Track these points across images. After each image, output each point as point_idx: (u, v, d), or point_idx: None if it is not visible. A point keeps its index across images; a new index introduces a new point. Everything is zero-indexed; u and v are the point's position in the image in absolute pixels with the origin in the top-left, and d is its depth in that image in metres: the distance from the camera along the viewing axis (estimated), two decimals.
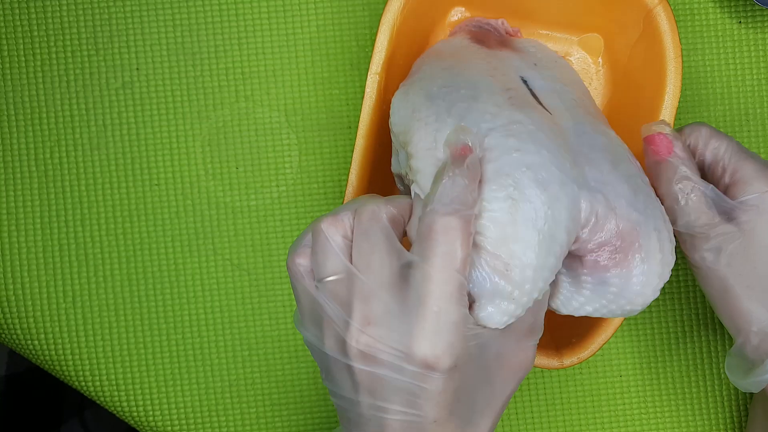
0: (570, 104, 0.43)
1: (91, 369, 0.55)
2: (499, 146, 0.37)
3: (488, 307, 0.36)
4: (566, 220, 0.37)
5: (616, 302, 0.40)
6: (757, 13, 0.55)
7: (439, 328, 0.33)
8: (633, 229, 0.38)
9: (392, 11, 0.47)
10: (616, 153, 0.41)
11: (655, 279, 0.39)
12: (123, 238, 0.55)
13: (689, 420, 0.56)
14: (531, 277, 0.36)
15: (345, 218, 0.36)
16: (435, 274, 0.33)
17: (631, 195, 0.39)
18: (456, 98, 0.41)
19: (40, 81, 0.55)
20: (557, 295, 0.40)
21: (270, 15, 0.55)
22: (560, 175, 0.37)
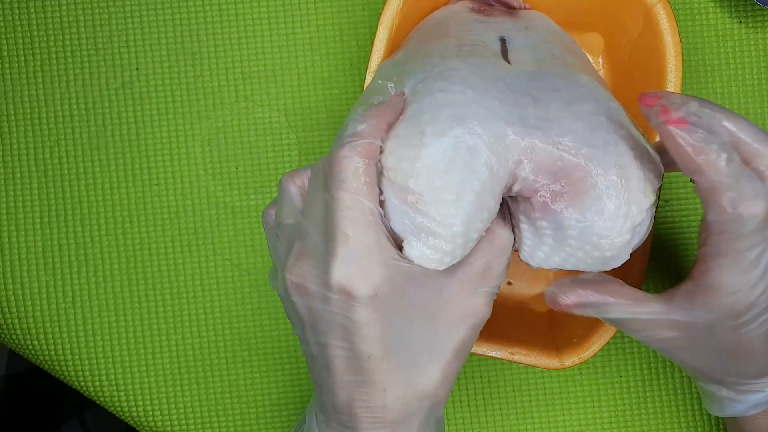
0: (543, 56, 0.42)
1: (91, 369, 0.55)
2: (425, 89, 0.38)
3: (416, 245, 0.36)
4: (485, 153, 0.36)
5: (581, 248, 0.38)
6: (757, 12, 0.55)
7: (350, 254, 0.34)
8: (581, 164, 0.37)
9: (391, 10, 0.47)
10: (576, 93, 0.39)
11: (620, 219, 0.37)
12: (123, 238, 0.55)
13: (689, 420, 0.56)
14: (448, 211, 0.36)
15: (303, 172, 0.38)
16: (337, 202, 0.34)
17: (585, 131, 0.37)
18: (413, 58, 0.41)
19: (39, 81, 0.55)
20: (522, 246, 0.39)
21: (270, 15, 0.55)
22: (484, 112, 0.37)
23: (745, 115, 0.55)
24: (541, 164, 0.37)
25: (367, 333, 0.35)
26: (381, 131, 0.36)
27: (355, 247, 0.34)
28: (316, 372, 0.38)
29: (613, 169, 0.37)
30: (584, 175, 0.37)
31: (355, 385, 0.36)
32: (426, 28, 0.47)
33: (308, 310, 0.36)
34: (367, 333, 0.35)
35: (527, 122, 0.37)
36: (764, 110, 0.56)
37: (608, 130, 0.38)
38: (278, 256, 0.38)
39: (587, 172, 0.37)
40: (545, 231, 0.38)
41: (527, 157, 0.37)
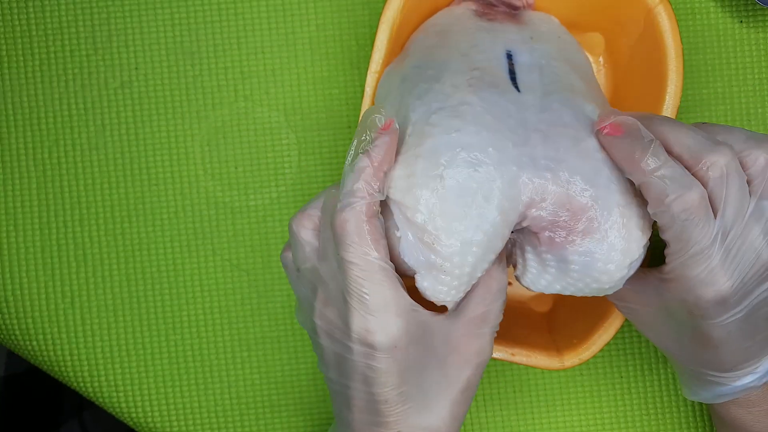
0: (550, 79, 0.43)
1: (90, 370, 0.55)
2: (441, 124, 0.39)
3: (425, 281, 0.39)
4: (498, 198, 0.38)
5: (582, 280, 0.40)
6: (758, 12, 0.55)
7: (368, 310, 0.37)
8: (587, 205, 0.39)
9: (392, 9, 0.47)
10: (581, 129, 0.40)
11: (618, 255, 0.39)
12: (122, 238, 0.55)
13: (690, 421, 0.56)
14: (459, 250, 0.38)
15: (312, 212, 0.40)
16: (348, 264, 0.37)
17: (591, 172, 0.39)
18: (421, 79, 0.42)
19: (38, 81, 0.55)
20: (526, 273, 0.42)
21: (269, 14, 0.55)
22: (497, 155, 0.38)
23: (746, 115, 0.55)
24: (550, 205, 0.39)
25: (386, 381, 0.38)
26: (378, 182, 0.38)
27: (372, 303, 0.37)
28: (337, 406, 0.41)
29: (616, 210, 0.39)
30: (591, 216, 0.39)
31: (371, 424, 0.39)
32: (431, 35, 0.47)
33: (334, 354, 0.39)
34: (386, 381, 0.38)
35: (538, 163, 0.39)
36: (765, 110, 0.56)
37: (611, 169, 0.40)
38: (303, 298, 0.41)
39: (594, 213, 0.39)
40: (549, 263, 0.40)
41: (537, 198, 0.39)
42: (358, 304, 0.37)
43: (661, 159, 0.38)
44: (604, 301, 0.49)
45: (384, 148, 0.38)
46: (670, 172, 0.38)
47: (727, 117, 0.55)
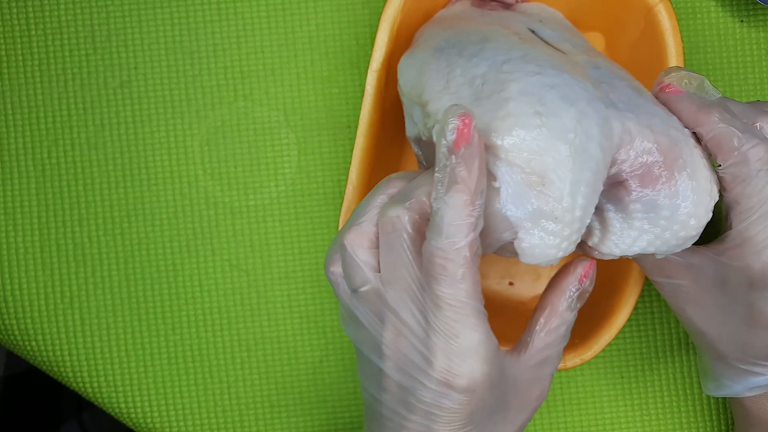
0: (582, 48, 0.42)
1: (89, 370, 0.55)
2: (518, 70, 0.37)
3: (534, 232, 0.36)
4: (597, 135, 0.36)
5: (670, 228, 0.38)
6: (759, 12, 0.55)
7: (454, 351, 0.35)
8: (674, 144, 0.38)
9: (393, 7, 0.47)
10: (637, 85, 0.40)
11: (706, 197, 0.38)
12: (121, 238, 0.55)
13: (691, 421, 0.56)
14: (569, 190, 0.35)
15: (367, 227, 0.36)
16: (442, 301, 0.34)
17: (666, 115, 0.38)
18: (466, 43, 0.40)
19: (37, 80, 0.55)
20: (607, 235, 0.39)
21: (269, 13, 0.55)
22: (586, 94, 0.37)
23: None
24: (638, 147, 0.37)
25: (453, 420, 0.36)
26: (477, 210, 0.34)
27: (460, 346, 0.35)
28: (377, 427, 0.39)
29: (696, 150, 0.38)
30: (677, 156, 0.37)
31: None
32: (444, 21, 0.46)
33: (398, 385, 0.36)
34: (453, 420, 0.36)
35: (618, 106, 0.37)
36: None
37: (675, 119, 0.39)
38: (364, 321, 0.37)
39: (680, 153, 0.38)
40: (636, 214, 0.38)
41: (627, 140, 0.37)
42: (445, 345, 0.35)
43: (732, 112, 0.38)
44: (606, 300, 0.49)
45: (477, 169, 0.34)
46: (742, 123, 0.37)
47: None
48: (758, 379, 0.42)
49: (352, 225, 0.37)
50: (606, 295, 0.49)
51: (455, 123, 0.34)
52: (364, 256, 0.36)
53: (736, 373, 0.43)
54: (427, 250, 0.35)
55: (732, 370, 0.43)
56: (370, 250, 0.36)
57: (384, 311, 0.36)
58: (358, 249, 0.36)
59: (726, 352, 0.43)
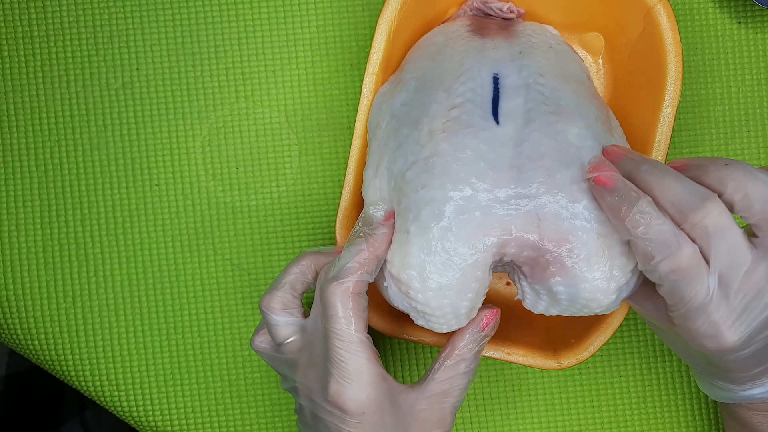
0: (535, 101, 0.43)
1: (91, 369, 0.55)
2: (412, 181, 0.42)
3: (418, 321, 0.42)
4: (464, 245, 0.40)
5: (574, 306, 0.41)
6: (756, 13, 0.55)
7: (342, 375, 0.40)
8: (563, 238, 0.40)
9: (390, 11, 0.47)
10: (561, 158, 0.40)
11: (603, 283, 0.40)
12: (123, 238, 0.55)
13: (689, 420, 0.56)
14: (433, 296, 0.41)
15: (279, 294, 0.43)
16: (331, 333, 0.40)
17: (566, 203, 0.40)
18: (406, 122, 0.44)
19: (40, 81, 0.55)
20: (524, 299, 0.43)
21: (270, 15, 0.55)
22: (463, 204, 0.40)
23: (744, 115, 0.55)
24: (523, 243, 0.40)
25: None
26: (370, 265, 0.41)
27: (347, 370, 0.40)
28: None
29: (596, 240, 0.40)
30: (568, 249, 0.40)
31: None
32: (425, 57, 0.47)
33: (311, 413, 0.43)
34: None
35: (507, 204, 0.40)
36: (763, 110, 0.56)
37: (590, 198, 0.40)
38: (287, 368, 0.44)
39: (570, 246, 0.40)
40: (540, 292, 0.42)
41: (509, 238, 0.40)
42: (336, 371, 0.40)
43: (646, 218, 0.37)
44: None
45: (382, 238, 0.41)
46: (656, 232, 0.37)
47: (726, 117, 0.55)
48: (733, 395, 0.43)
49: (267, 293, 0.43)
50: None
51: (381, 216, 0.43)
52: (277, 316, 0.43)
53: (714, 387, 0.44)
54: (319, 285, 0.41)
55: (711, 384, 0.44)
56: (282, 310, 0.43)
57: (301, 352, 0.43)
58: (275, 313, 0.43)
59: (697, 369, 0.44)
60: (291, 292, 0.43)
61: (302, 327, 0.43)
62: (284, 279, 0.43)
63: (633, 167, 0.40)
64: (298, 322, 0.43)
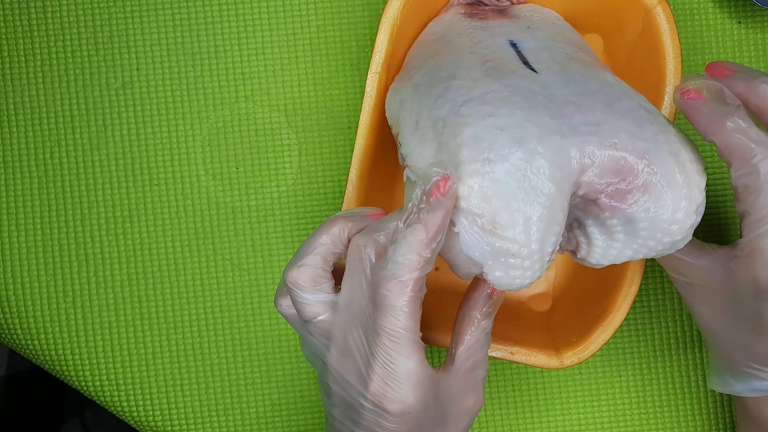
0: (561, 58, 0.42)
1: (91, 369, 0.55)
2: (473, 113, 0.38)
3: (496, 270, 0.38)
4: (548, 170, 0.37)
5: (653, 237, 0.39)
6: (756, 13, 0.55)
7: (389, 376, 0.37)
8: (641, 157, 0.38)
9: (393, 10, 0.47)
10: (612, 93, 0.40)
11: (683, 202, 0.38)
12: (123, 238, 0.55)
13: (689, 420, 0.56)
14: (522, 229, 0.37)
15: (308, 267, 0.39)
16: (382, 329, 0.36)
17: (634, 127, 0.38)
18: (436, 80, 0.42)
19: (40, 81, 0.55)
20: (592, 249, 0.40)
21: (270, 15, 0.55)
22: (537, 129, 0.37)
23: None
24: (603, 167, 0.38)
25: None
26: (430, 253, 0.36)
27: (395, 371, 0.37)
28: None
29: (669, 158, 0.38)
30: (645, 168, 0.38)
31: None
32: (430, 43, 0.47)
33: (343, 399, 0.39)
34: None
35: (579, 130, 0.38)
36: None
37: (652, 122, 0.39)
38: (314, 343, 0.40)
39: (648, 165, 0.38)
40: (616, 228, 0.39)
41: (588, 162, 0.38)
42: (382, 370, 0.37)
43: (747, 122, 0.38)
44: (604, 299, 0.49)
45: (441, 216, 0.36)
46: (756, 134, 0.37)
47: None
48: (760, 383, 0.42)
49: (293, 265, 0.39)
50: (603, 295, 0.49)
51: (437, 178, 0.37)
52: (308, 293, 0.39)
53: (740, 374, 0.43)
54: (375, 278, 0.37)
55: (736, 371, 0.43)
56: (312, 287, 0.39)
57: (334, 333, 0.38)
58: (302, 290, 0.39)
59: (732, 353, 0.43)
60: (322, 264, 0.39)
61: (333, 304, 0.39)
62: (313, 249, 0.39)
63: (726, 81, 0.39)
64: (329, 299, 0.39)
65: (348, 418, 0.39)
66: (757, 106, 0.39)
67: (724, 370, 0.44)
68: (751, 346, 0.41)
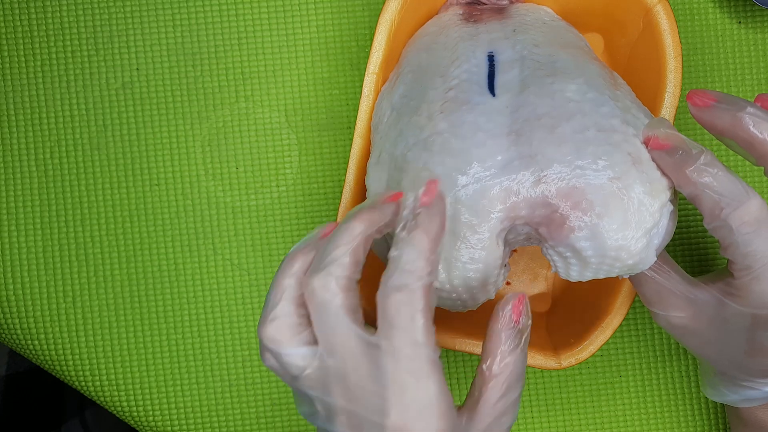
0: (528, 72, 0.42)
1: (91, 369, 0.55)
2: (414, 160, 0.40)
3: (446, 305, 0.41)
4: (468, 216, 0.38)
5: (606, 263, 0.39)
6: (756, 13, 0.55)
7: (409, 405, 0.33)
8: (573, 189, 0.37)
9: (390, 10, 0.47)
10: (562, 113, 0.39)
11: (629, 229, 0.37)
12: (123, 238, 0.55)
13: (689, 420, 0.56)
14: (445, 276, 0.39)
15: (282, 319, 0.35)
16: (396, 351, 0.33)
17: (572, 153, 0.38)
18: (406, 111, 0.43)
19: (40, 81, 0.55)
20: (556, 268, 0.40)
21: (270, 15, 0.55)
22: (463, 178, 0.38)
23: None
24: (531, 203, 0.38)
25: None
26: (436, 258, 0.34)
27: (414, 399, 0.33)
28: None
29: (609, 183, 0.37)
30: (579, 198, 0.37)
31: None
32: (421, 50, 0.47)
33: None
34: None
35: (511, 166, 0.38)
36: None
37: (598, 143, 0.38)
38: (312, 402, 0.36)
39: (582, 194, 0.37)
40: (566, 254, 0.39)
41: (517, 201, 0.38)
42: (399, 398, 0.33)
43: (712, 170, 0.36)
44: (603, 301, 0.49)
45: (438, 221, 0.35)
46: (724, 181, 0.36)
47: None
48: (755, 393, 0.42)
49: (265, 320, 0.35)
50: (602, 296, 0.49)
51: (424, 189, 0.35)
52: (290, 349, 0.35)
53: (733, 385, 0.43)
54: (383, 293, 0.33)
55: (729, 383, 0.43)
56: (293, 340, 0.35)
57: (329, 383, 0.35)
58: (282, 345, 0.35)
59: (724, 370, 0.43)
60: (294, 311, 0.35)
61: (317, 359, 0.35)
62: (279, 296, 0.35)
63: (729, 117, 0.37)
64: (314, 349, 0.35)
65: None
66: (745, 140, 0.37)
67: (718, 382, 0.44)
68: (744, 364, 0.41)
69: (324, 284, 0.34)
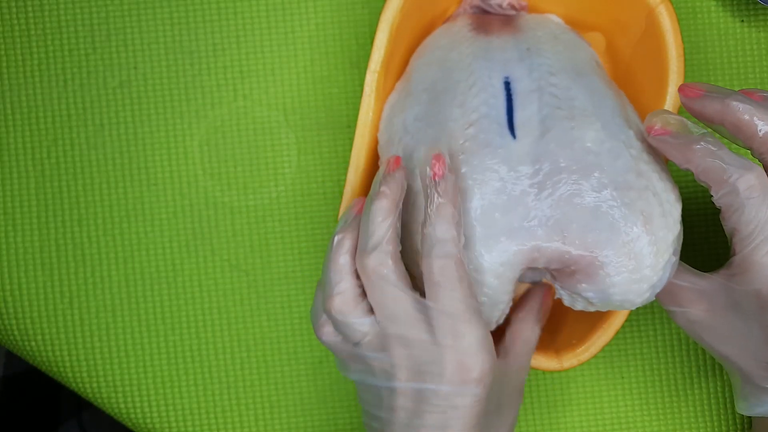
0: (549, 106, 0.43)
1: (89, 370, 0.55)
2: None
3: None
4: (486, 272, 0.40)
5: (610, 305, 0.42)
6: (759, 12, 0.55)
7: (464, 349, 0.38)
8: (588, 250, 0.40)
9: (392, 8, 0.47)
10: (581, 167, 0.41)
11: (634, 285, 0.40)
12: (120, 238, 0.55)
13: (692, 422, 0.56)
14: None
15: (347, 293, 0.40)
16: (449, 308, 0.38)
17: (589, 218, 0.40)
18: (421, 139, 0.44)
19: (37, 80, 0.55)
20: (563, 298, 0.43)
21: (269, 13, 0.55)
22: (482, 231, 0.40)
23: None
24: (548, 257, 0.41)
25: (466, 422, 0.39)
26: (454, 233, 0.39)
27: (467, 342, 0.38)
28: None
29: (624, 247, 0.40)
30: (591, 261, 0.40)
31: None
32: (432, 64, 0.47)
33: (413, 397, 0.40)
34: (466, 422, 0.39)
35: (530, 221, 0.40)
36: None
37: (612, 206, 0.40)
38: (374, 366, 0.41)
39: (593, 258, 0.40)
40: (573, 294, 0.42)
41: (535, 255, 0.41)
42: (453, 344, 0.38)
43: (717, 145, 0.39)
44: None
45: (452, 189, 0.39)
46: (728, 154, 0.39)
47: None
48: None
49: (333, 294, 0.40)
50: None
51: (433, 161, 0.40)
52: (355, 317, 0.40)
53: (762, 393, 0.43)
54: (428, 263, 0.39)
55: (759, 390, 0.43)
56: (357, 309, 0.40)
57: (390, 345, 0.40)
58: (349, 315, 0.40)
59: (750, 372, 0.43)
60: (355, 283, 0.41)
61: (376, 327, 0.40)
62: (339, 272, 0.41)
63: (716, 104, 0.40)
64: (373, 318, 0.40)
65: (415, 414, 0.40)
66: (733, 124, 0.40)
67: (748, 392, 0.44)
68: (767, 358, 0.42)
69: (381, 261, 0.39)
